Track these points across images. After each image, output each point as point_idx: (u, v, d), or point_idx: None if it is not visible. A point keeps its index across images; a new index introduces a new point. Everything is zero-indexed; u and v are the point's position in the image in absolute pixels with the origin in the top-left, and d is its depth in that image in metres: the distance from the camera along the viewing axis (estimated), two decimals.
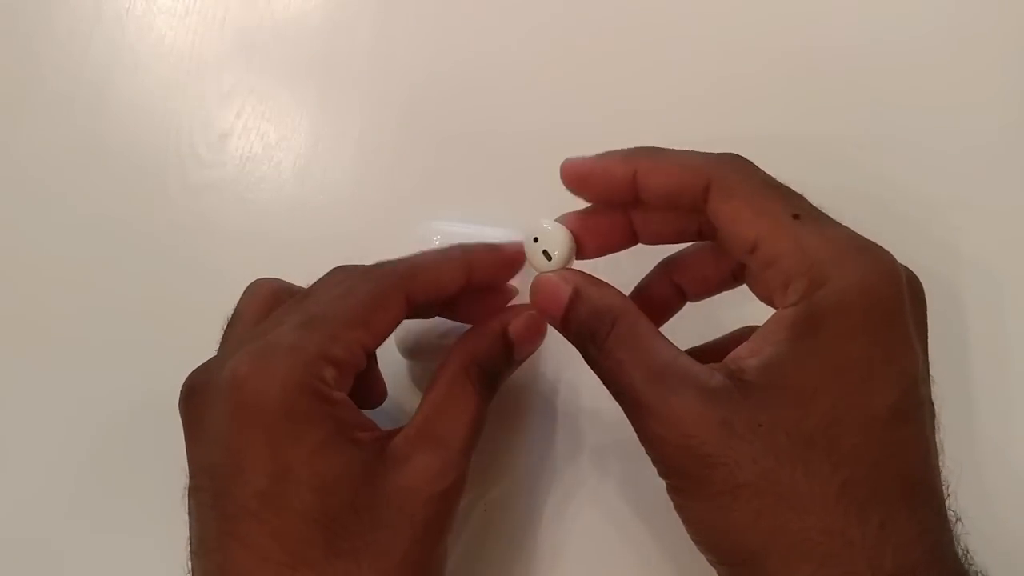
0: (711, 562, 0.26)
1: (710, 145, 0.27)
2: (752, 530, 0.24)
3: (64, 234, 0.39)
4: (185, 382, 0.27)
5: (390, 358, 0.30)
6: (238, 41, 0.42)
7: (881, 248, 0.25)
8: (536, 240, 0.29)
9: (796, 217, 0.25)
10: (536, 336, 0.29)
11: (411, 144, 0.40)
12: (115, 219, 0.39)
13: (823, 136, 0.39)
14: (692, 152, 0.27)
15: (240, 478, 0.25)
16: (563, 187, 0.38)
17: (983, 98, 0.40)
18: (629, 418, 0.26)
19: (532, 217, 0.37)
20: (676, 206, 0.27)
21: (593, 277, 0.28)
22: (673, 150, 0.28)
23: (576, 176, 0.28)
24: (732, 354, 0.25)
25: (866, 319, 0.24)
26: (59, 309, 0.38)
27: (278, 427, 0.25)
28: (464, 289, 0.29)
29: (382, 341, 0.28)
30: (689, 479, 0.25)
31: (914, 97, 0.40)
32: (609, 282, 0.28)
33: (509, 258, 0.30)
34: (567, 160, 0.28)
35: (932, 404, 0.25)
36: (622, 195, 0.28)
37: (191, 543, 0.26)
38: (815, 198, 0.26)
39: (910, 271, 0.26)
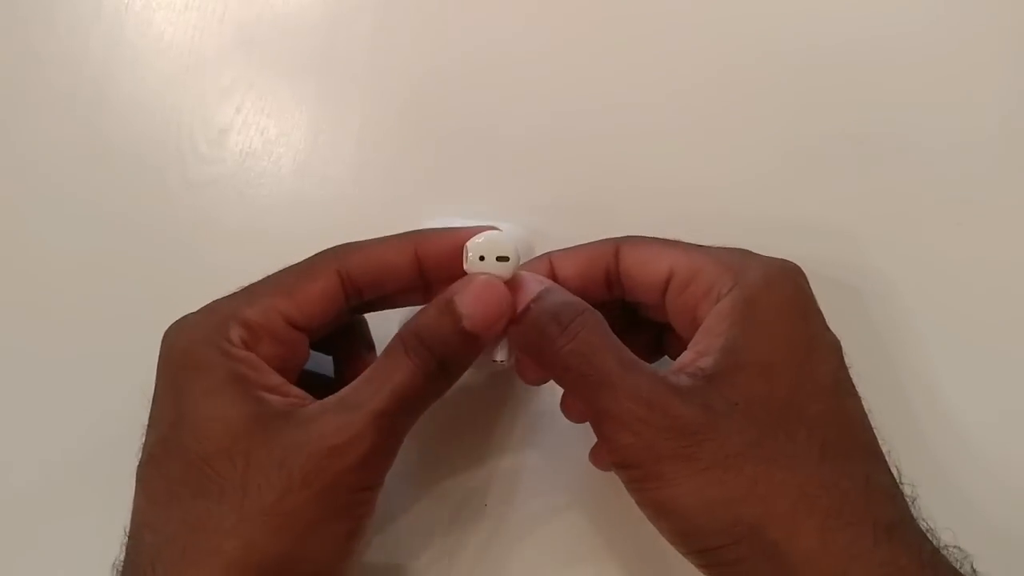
0: (697, 555, 0.26)
1: (708, 140, 0.26)
2: (750, 498, 0.24)
3: (64, 230, 0.39)
4: None
5: None
6: (237, 36, 0.42)
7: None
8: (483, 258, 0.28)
9: (699, 247, 0.29)
10: (485, 307, 0.27)
11: (411, 139, 0.40)
12: (115, 215, 0.39)
13: (818, 132, 0.39)
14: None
15: (152, 428, 0.27)
16: (563, 183, 0.39)
17: (978, 97, 0.40)
18: (594, 401, 0.26)
19: (532, 213, 0.38)
20: (590, 279, 0.30)
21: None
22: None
23: None
24: (678, 364, 0.26)
25: (793, 299, 0.27)
26: (59, 304, 0.38)
27: (179, 377, 0.27)
28: (420, 271, 0.29)
29: (316, 315, 0.28)
30: (670, 461, 0.25)
31: (910, 95, 0.40)
32: None
33: (466, 237, 0.28)
34: None
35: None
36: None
37: None
38: (808, 192, 0.26)
39: None
